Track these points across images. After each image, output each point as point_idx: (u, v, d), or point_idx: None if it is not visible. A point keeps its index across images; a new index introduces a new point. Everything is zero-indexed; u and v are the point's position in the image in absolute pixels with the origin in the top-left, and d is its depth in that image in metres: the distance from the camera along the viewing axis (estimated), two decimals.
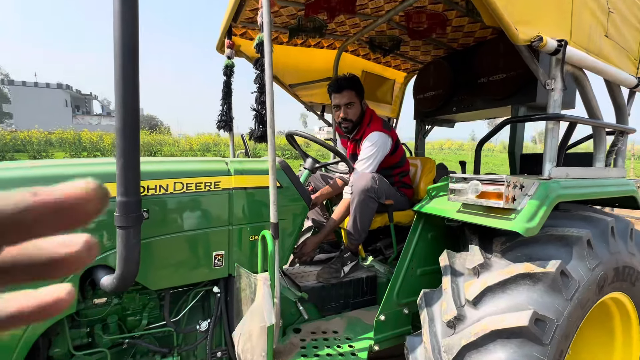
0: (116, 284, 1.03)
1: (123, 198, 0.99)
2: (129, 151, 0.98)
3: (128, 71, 0.95)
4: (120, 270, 1.02)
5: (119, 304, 1.25)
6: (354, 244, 1.89)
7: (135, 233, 1.02)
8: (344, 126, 2.07)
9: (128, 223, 1.00)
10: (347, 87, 2.00)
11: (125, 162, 0.98)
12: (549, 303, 1.18)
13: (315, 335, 1.63)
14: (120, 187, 0.99)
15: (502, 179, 1.17)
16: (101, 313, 1.22)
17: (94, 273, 1.12)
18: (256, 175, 1.44)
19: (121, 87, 0.94)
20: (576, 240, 1.28)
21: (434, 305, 1.42)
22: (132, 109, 0.96)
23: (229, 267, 1.39)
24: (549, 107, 1.29)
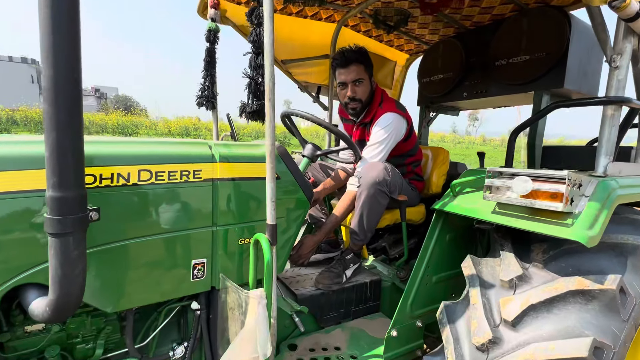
0: (50, 314, 0.73)
1: (57, 192, 0.68)
2: (67, 122, 0.66)
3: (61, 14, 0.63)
4: (56, 295, 0.72)
5: (63, 331, 0.94)
6: (357, 244, 1.64)
7: (77, 242, 0.71)
8: (351, 107, 1.77)
9: (65, 228, 0.69)
10: (355, 60, 1.70)
11: (59, 140, 0.66)
12: (605, 326, 0.98)
13: (315, 353, 1.39)
14: (53, 176, 0.67)
15: (563, 176, 0.93)
16: (37, 344, 0.91)
17: (21, 294, 0.80)
18: (248, 162, 1.15)
19: (49, 34, 0.62)
20: (632, 249, 1.08)
21: (458, 321, 1.21)
22: (69, 59, 0.65)
23: (211, 279, 1.10)
24: (609, 89, 1.06)
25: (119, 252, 0.92)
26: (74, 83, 0.66)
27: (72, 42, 0.65)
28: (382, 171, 1.47)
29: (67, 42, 0.65)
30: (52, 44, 0.63)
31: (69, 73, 0.65)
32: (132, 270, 0.95)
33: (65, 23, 0.64)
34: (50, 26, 0.62)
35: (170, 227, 1.00)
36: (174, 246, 1.01)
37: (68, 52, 0.65)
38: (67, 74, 0.65)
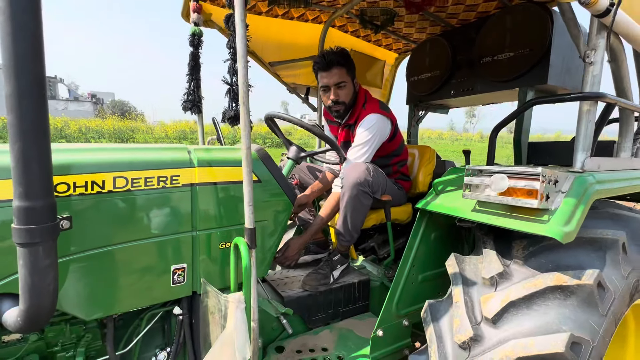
0: (22, 324, 0.73)
1: (23, 202, 0.68)
2: (31, 131, 0.66)
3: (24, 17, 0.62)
4: (27, 305, 0.72)
5: (41, 340, 0.94)
6: (344, 245, 1.64)
7: (46, 252, 0.71)
8: (334, 110, 1.78)
9: (34, 238, 0.69)
10: (336, 63, 1.70)
11: (24, 149, 0.66)
12: (584, 321, 0.98)
13: (302, 355, 1.39)
14: (19, 186, 0.67)
15: (537, 173, 0.94)
16: (15, 353, 0.91)
17: None
18: (227, 166, 1.15)
19: (9, 26, 0.62)
20: (611, 244, 1.09)
21: (441, 320, 1.21)
22: (32, 62, 0.64)
23: (192, 284, 1.10)
24: (585, 85, 1.07)
25: (96, 259, 0.92)
26: (38, 90, 0.66)
27: (34, 47, 0.65)
28: (364, 172, 1.48)
29: (29, 47, 0.64)
30: (13, 50, 0.63)
31: (32, 81, 0.65)
32: (109, 277, 0.95)
33: (26, 25, 0.63)
34: (10, 31, 0.62)
35: (148, 234, 1.00)
36: (152, 252, 1.01)
37: (31, 58, 0.65)
38: (30, 82, 0.65)
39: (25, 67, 0.64)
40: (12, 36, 0.62)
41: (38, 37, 0.65)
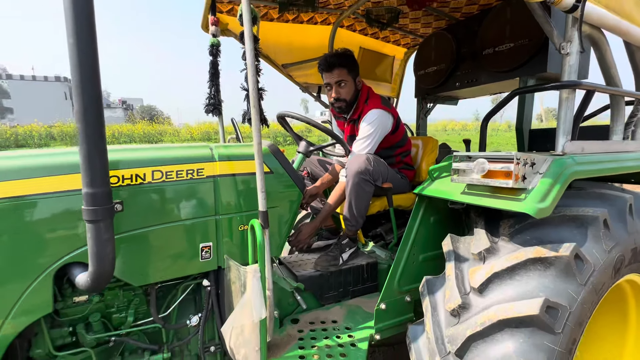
0: (90, 283, 0.95)
1: (89, 189, 0.89)
2: (93, 136, 0.88)
3: (83, 41, 0.83)
4: (94, 268, 0.94)
5: (102, 302, 1.18)
6: (351, 229, 1.80)
7: (106, 227, 0.93)
8: (337, 106, 1.95)
9: (97, 216, 0.91)
10: (337, 64, 1.86)
11: (88, 150, 0.88)
12: (562, 289, 1.09)
13: (314, 325, 1.57)
14: (86, 178, 0.89)
15: (511, 156, 1.05)
16: (83, 311, 1.15)
17: (70, 271, 1.04)
18: (243, 160, 1.34)
19: (78, 65, 0.83)
20: (592, 220, 1.17)
21: (436, 293, 1.34)
22: (92, 87, 0.86)
23: (217, 259, 1.30)
24: (563, 74, 1.16)
25: (141, 237, 1.15)
26: (97, 105, 0.88)
27: (94, 72, 0.86)
28: (365, 162, 1.62)
29: (91, 72, 0.86)
30: (79, 76, 0.84)
31: (92, 97, 0.87)
32: (152, 252, 1.17)
33: (88, 56, 0.85)
34: (77, 62, 0.83)
35: (180, 217, 1.21)
36: (184, 232, 1.23)
37: (92, 81, 0.86)
38: (92, 99, 0.86)
39: (87, 88, 0.86)
40: (78, 64, 0.84)
41: (95, 65, 0.86)
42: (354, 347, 1.42)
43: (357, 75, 1.95)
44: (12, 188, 0.98)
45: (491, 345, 1.08)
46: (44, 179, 1.00)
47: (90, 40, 0.85)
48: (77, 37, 0.83)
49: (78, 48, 0.83)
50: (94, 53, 0.86)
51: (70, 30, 0.82)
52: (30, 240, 0.99)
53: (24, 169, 1.00)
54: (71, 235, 1.03)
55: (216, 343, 1.37)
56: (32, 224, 0.99)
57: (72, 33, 0.82)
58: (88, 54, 0.84)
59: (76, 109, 0.86)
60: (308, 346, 1.40)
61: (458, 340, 1.13)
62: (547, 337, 1.05)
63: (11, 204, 0.96)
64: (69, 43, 0.83)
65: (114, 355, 1.23)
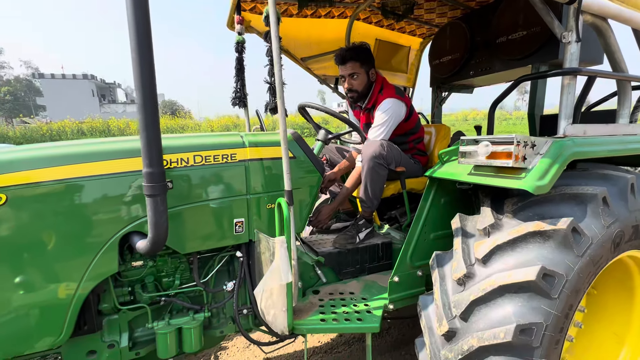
0: (149, 247, 1.16)
1: (148, 169, 1.09)
2: (150, 126, 1.07)
3: (143, 53, 1.01)
4: (152, 234, 1.14)
5: (154, 267, 1.40)
6: (367, 211, 1.94)
7: (162, 201, 1.13)
8: (350, 96, 2.11)
9: (155, 192, 1.10)
10: (350, 58, 2.00)
11: (147, 136, 1.07)
12: (559, 259, 1.19)
13: (333, 296, 1.74)
14: (145, 160, 1.08)
15: (512, 138, 1.16)
16: (139, 274, 1.37)
17: (131, 238, 1.25)
18: (270, 147, 1.51)
19: (139, 69, 1.01)
20: (591, 198, 1.26)
21: (445, 266, 1.47)
22: (149, 88, 1.04)
23: (249, 233, 1.49)
24: (565, 62, 1.24)
25: (185, 212, 1.35)
26: (152, 102, 1.06)
27: (151, 75, 1.05)
28: (379, 147, 1.76)
29: (148, 75, 1.04)
30: (140, 78, 1.03)
31: (149, 95, 1.05)
32: (194, 224, 1.37)
33: (147, 70, 1.03)
34: (139, 68, 1.02)
35: (216, 195, 1.40)
36: (220, 209, 1.42)
37: (149, 82, 1.04)
38: (149, 96, 1.05)
39: (146, 88, 1.04)
40: (140, 70, 1.02)
41: (152, 70, 1.04)
42: (369, 313, 1.58)
43: (371, 68, 2.07)
44: (80, 170, 1.19)
45: (492, 309, 1.21)
46: (110, 162, 1.21)
47: (148, 51, 1.03)
48: (139, 49, 1.01)
49: (139, 57, 1.01)
50: (151, 61, 1.04)
51: (133, 43, 1.00)
52: (100, 213, 1.21)
53: (94, 154, 1.21)
54: (132, 208, 1.24)
55: (248, 307, 1.57)
56: (102, 200, 1.20)
57: (135, 46, 1.00)
58: (147, 61, 1.02)
59: (138, 104, 1.05)
60: (328, 312, 1.58)
61: (463, 304, 1.27)
62: (543, 301, 1.16)
63: (88, 182, 1.18)
64: (132, 51, 1.01)
65: (164, 313, 1.45)
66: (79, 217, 1.18)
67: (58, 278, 1.16)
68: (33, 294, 1.14)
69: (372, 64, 2.08)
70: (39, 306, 1.15)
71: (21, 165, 1.11)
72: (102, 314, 1.34)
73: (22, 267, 1.12)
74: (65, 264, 1.16)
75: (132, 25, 0.99)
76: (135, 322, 1.41)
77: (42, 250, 1.13)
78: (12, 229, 1.09)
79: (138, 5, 0.98)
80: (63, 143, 1.29)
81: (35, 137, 18.88)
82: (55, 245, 1.15)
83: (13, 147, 1.31)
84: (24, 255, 1.12)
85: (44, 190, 1.13)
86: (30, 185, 1.11)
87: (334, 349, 2.32)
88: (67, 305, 1.18)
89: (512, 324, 1.13)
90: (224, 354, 2.32)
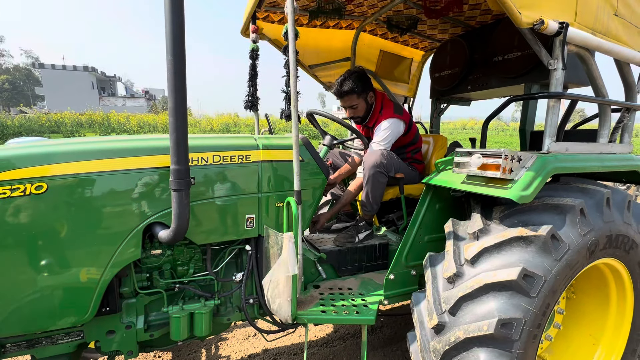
0: (172, 236, 1.28)
1: (176, 166, 1.21)
2: (180, 128, 1.19)
3: (177, 63, 1.14)
4: (175, 225, 1.27)
5: (171, 255, 1.52)
6: (367, 214, 2.08)
7: (186, 195, 1.25)
8: (355, 121, 2.30)
9: (180, 186, 1.23)
10: (345, 93, 2.15)
11: (176, 137, 1.19)
12: (539, 262, 1.33)
13: (332, 291, 1.87)
14: (174, 157, 1.21)
15: (500, 152, 1.30)
16: (157, 262, 1.49)
17: (153, 228, 1.37)
18: (281, 150, 1.64)
19: (172, 76, 1.14)
20: (570, 208, 1.40)
21: (437, 266, 1.60)
22: (181, 94, 1.17)
23: (258, 229, 1.62)
24: (551, 86, 1.39)
25: (202, 206, 1.47)
26: (182, 106, 1.18)
27: (182, 82, 1.17)
28: (380, 156, 1.91)
29: (180, 82, 1.17)
30: (173, 84, 1.16)
31: (180, 101, 1.18)
32: (210, 218, 1.50)
33: (180, 77, 1.15)
34: (173, 80, 1.14)
35: (231, 192, 1.53)
36: (234, 205, 1.54)
37: (180, 88, 1.17)
38: (180, 101, 1.17)
39: (178, 93, 1.17)
40: (173, 77, 1.15)
41: (184, 77, 1.17)
42: (366, 307, 1.71)
43: (368, 93, 2.20)
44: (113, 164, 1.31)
45: (478, 305, 1.35)
46: (139, 158, 1.34)
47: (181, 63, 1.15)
48: (174, 62, 1.14)
49: (174, 65, 1.14)
50: (182, 66, 1.16)
51: (169, 56, 1.13)
52: (128, 204, 1.33)
53: (125, 150, 1.34)
54: (157, 201, 1.37)
55: (254, 297, 1.69)
56: (130, 192, 1.33)
57: (170, 59, 1.13)
58: (180, 72, 1.15)
59: (170, 108, 1.17)
60: (328, 304, 1.70)
61: (451, 300, 1.40)
62: (523, 299, 1.30)
63: (119, 176, 1.30)
64: (168, 63, 1.14)
65: (177, 298, 1.57)
66: (110, 208, 1.30)
67: (88, 262, 1.28)
68: (64, 275, 1.25)
69: (369, 88, 2.21)
70: (69, 286, 1.26)
71: (61, 157, 1.23)
72: (123, 297, 1.46)
73: (57, 250, 1.23)
74: (95, 249, 1.28)
75: (169, 40, 1.12)
76: (150, 307, 1.53)
77: (76, 236, 1.25)
78: (50, 216, 1.21)
79: (176, 23, 1.11)
80: (96, 139, 1.42)
81: (34, 128, 18.82)
82: (87, 232, 1.27)
83: (47, 141, 1.43)
84: (59, 239, 1.23)
85: (80, 182, 1.25)
86: (69, 177, 1.23)
87: (329, 344, 2.44)
88: (95, 287, 1.29)
89: (494, 318, 1.27)
90: (224, 344, 2.43)
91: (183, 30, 1.14)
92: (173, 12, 1.10)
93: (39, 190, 1.18)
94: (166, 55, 1.14)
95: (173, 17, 1.11)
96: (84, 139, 1.39)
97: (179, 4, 1.11)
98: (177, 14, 1.11)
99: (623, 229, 1.55)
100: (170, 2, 1.10)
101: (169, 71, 1.14)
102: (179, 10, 1.11)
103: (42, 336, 1.32)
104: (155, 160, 1.37)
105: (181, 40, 1.13)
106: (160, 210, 1.37)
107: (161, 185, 1.36)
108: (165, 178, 1.36)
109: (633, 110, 1.68)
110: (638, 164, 1.68)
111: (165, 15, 1.11)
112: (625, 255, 1.62)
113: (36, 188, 1.18)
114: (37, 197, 1.19)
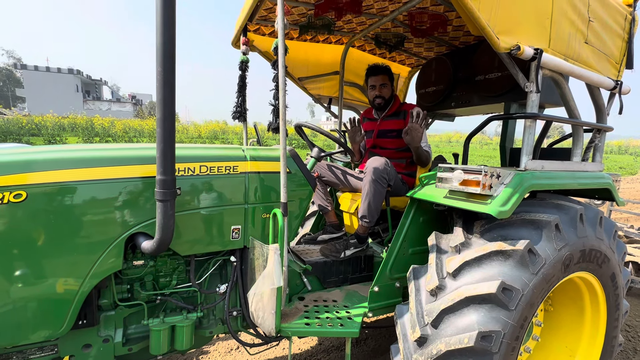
0: (155, 247, 1.26)
1: (162, 177, 1.21)
2: (167, 139, 1.19)
3: (167, 74, 1.15)
4: (159, 236, 1.25)
5: (153, 266, 1.49)
6: (365, 226, 2.07)
7: (171, 205, 1.24)
8: (377, 102, 2.46)
9: (166, 197, 1.22)
10: (382, 71, 2.44)
11: (163, 147, 1.19)
12: (517, 276, 1.38)
13: (317, 303, 1.87)
14: (160, 167, 1.20)
15: (480, 169, 1.36)
16: (139, 273, 1.46)
17: (136, 239, 1.35)
18: (269, 161, 1.65)
19: (162, 88, 1.15)
20: (545, 224, 1.47)
21: (420, 278, 1.63)
22: (169, 105, 1.17)
23: (244, 240, 1.61)
24: (527, 107, 1.46)
25: (188, 217, 1.46)
26: (171, 118, 1.19)
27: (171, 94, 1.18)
28: (384, 163, 1.95)
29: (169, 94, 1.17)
30: (162, 95, 1.16)
31: (168, 113, 1.18)
32: (195, 229, 1.49)
33: (169, 88, 1.16)
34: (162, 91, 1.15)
35: (217, 203, 1.52)
36: (220, 216, 1.54)
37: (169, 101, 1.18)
38: (168, 113, 1.18)
39: (167, 104, 1.17)
40: (162, 88, 1.16)
41: (173, 90, 1.18)
42: (350, 319, 1.71)
43: (393, 82, 2.50)
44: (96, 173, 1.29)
45: (459, 317, 1.37)
46: (123, 167, 1.33)
47: (170, 67, 1.16)
48: (164, 68, 1.15)
49: (163, 77, 1.15)
50: (172, 77, 1.17)
51: (159, 57, 1.14)
52: (111, 214, 1.31)
53: (109, 159, 1.32)
54: (139, 211, 1.35)
55: (237, 309, 1.67)
56: (112, 201, 1.31)
57: (160, 59, 1.14)
58: (168, 77, 1.16)
59: (158, 119, 1.18)
60: (312, 317, 1.70)
61: (433, 313, 1.43)
62: (502, 312, 1.33)
63: (101, 185, 1.28)
64: (157, 68, 1.15)
65: (159, 311, 1.53)
66: (91, 217, 1.27)
67: (66, 272, 1.24)
68: (40, 286, 1.21)
69: (394, 81, 2.52)
70: (45, 297, 1.22)
71: (42, 165, 1.21)
72: (101, 309, 1.41)
73: (34, 260, 1.20)
74: (75, 259, 1.25)
75: (159, 52, 1.13)
76: (130, 319, 1.49)
77: (54, 245, 1.22)
78: (28, 225, 1.18)
79: (167, 36, 1.12)
80: (79, 146, 1.40)
81: (12, 130, 18.17)
82: (66, 242, 1.24)
83: (29, 147, 1.40)
84: (36, 249, 1.20)
85: (61, 190, 1.22)
86: (49, 185, 1.20)
87: (313, 356, 2.42)
88: (72, 298, 1.26)
89: (474, 331, 1.29)
90: (205, 358, 2.37)
91: (174, 43, 1.16)
92: (164, 24, 1.12)
93: (17, 198, 1.15)
94: (156, 66, 1.15)
95: (164, 29, 1.12)
96: (66, 147, 1.37)
97: (171, 17, 1.13)
98: (168, 26, 1.13)
99: (596, 244, 1.62)
100: (162, 15, 1.11)
101: (158, 82, 1.15)
102: (170, 23, 1.13)
103: (12, 351, 1.27)
104: (139, 170, 1.35)
105: (171, 53, 1.15)
106: (144, 220, 1.36)
107: (145, 195, 1.35)
108: (149, 188, 1.35)
109: (603, 131, 1.78)
110: (609, 181, 1.77)
111: (156, 27, 1.13)
112: (598, 269, 1.69)
113: (15, 196, 1.15)
114: (16, 205, 1.16)
